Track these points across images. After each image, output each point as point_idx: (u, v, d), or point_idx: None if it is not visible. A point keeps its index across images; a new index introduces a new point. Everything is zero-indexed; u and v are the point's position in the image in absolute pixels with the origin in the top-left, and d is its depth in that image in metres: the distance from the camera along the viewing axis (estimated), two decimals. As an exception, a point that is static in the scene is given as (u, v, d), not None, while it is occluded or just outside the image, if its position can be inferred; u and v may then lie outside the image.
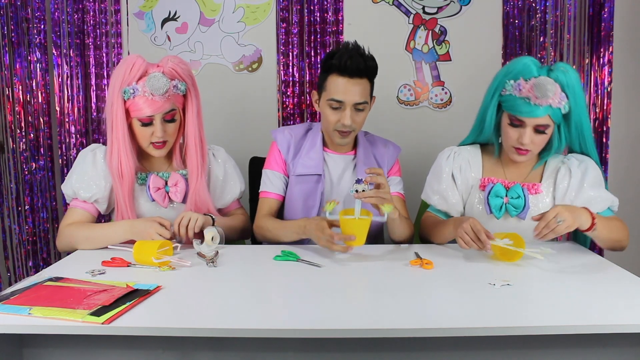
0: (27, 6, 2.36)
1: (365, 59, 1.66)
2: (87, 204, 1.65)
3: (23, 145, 2.43)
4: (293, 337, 1.11)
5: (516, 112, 1.52)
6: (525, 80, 1.51)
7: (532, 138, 1.53)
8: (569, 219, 1.38)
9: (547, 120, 1.51)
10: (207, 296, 1.23)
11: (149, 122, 1.58)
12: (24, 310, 1.09)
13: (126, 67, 1.56)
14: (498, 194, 1.61)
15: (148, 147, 1.63)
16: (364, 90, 1.67)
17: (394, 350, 1.17)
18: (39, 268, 2.44)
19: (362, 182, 1.44)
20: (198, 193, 1.68)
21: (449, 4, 2.43)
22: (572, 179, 1.59)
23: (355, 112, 1.68)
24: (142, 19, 2.44)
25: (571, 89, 1.50)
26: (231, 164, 1.83)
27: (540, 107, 1.48)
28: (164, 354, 1.17)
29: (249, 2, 2.43)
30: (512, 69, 1.55)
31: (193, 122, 1.66)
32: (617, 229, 1.54)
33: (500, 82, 1.57)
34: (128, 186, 1.61)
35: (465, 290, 1.25)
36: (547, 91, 1.46)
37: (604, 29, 2.36)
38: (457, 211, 1.70)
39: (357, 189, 1.44)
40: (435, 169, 1.73)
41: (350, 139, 1.74)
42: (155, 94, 1.54)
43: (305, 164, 1.76)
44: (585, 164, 1.61)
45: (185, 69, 1.63)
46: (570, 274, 1.37)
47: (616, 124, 2.46)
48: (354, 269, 1.43)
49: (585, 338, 1.13)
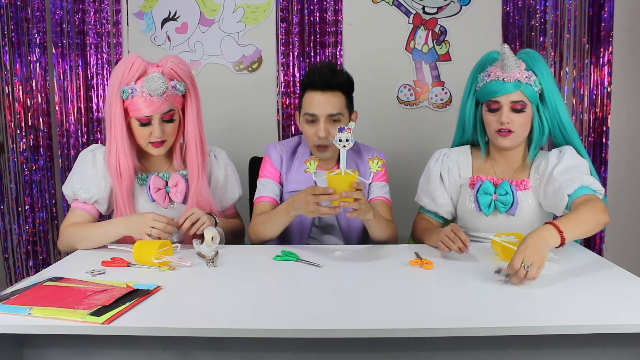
0: (27, 6, 2.37)
1: (336, 74, 1.70)
2: (87, 204, 1.65)
3: (23, 145, 2.43)
4: (293, 337, 1.11)
5: (489, 94, 1.58)
6: (491, 66, 1.60)
7: (510, 117, 1.56)
8: (536, 260, 1.24)
9: (520, 95, 1.56)
10: (207, 296, 1.23)
11: (147, 122, 1.58)
12: (24, 310, 1.09)
13: (125, 66, 1.56)
14: (487, 191, 1.64)
15: (147, 146, 1.63)
16: (337, 102, 1.69)
17: (394, 350, 1.17)
18: (39, 268, 2.44)
19: (345, 131, 1.42)
20: (200, 193, 1.68)
21: (449, 4, 2.43)
22: (550, 162, 1.60)
23: (331, 124, 1.69)
24: (142, 19, 2.44)
25: (537, 67, 1.57)
26: (232, 167, 1.84)
27: (509, 82, 1.55)
28: (164, 354, 1.17)
29: (249, 2, 2.43)
30: (479, 64, 1.66)
31: (193, 122, 1.66)
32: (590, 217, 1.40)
33: (473, 79, 1.66)
34: (127, 185, 1.61)
35: (465, 290, 1.25)
36: (509, 58, 1.52)
37: (604, 29, 2.36)
38: (447, 211, 1.74)
39: (340, 138, 1.42)
40: (425, 171, 1.78)
41: (329, 153, 1.74)
42: (153, 95, 1.54)
43: (296, 180, 1.78)
44: (564, 150, 1.61)
45: (184, 69, 1.63)
46: (571, 274, 1.37)
47: (616, 124, 2.46)
48: (354, 269, 1.43)
49: (585, 338, 1.13)
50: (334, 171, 1.45)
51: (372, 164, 1.47)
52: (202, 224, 1.58)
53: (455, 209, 1.75)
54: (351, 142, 1.41)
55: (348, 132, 1.41)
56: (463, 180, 1.71)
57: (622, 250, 2.45)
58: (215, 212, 1.71)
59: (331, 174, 1.43)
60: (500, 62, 1.55)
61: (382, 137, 2.49)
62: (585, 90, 2.42)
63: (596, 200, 1.46)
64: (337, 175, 1.42)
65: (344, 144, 1.41)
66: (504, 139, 1.60)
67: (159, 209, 1.67)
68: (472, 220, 1.68)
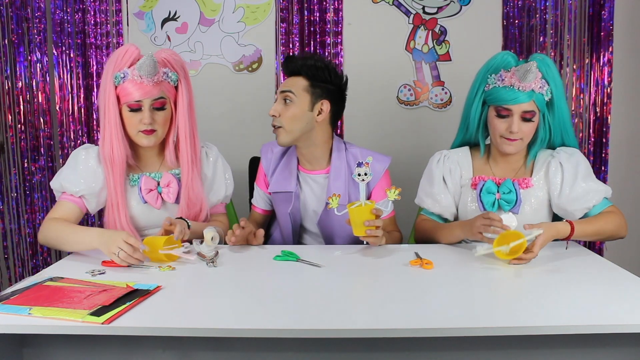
0: (27, 6, 2.37)
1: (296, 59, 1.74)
2: (75, 197, 1.62)
3: (23, 145, 2.43)
4: (293, 337, 1.11)
5: (502, 101, 1.56)
6: (506, 71, 1.57)
7: (520, 126, 1.56)
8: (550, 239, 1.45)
9: (532, 106, 1.55)
10: (207, 296, 1.23)
11: (138, 107, 1.56)
12: (24, 310, 1.09)
13: (119, 53, 1.57)
14: (490, 191, 1.63)
15: (137, 135, 1.60)
16: (294, 82, 1.71)
17: (394, 350, 1.17)
18: (39, 268, 2.45)
19: (363, 166, 1.48)
20: (192, 188, 1.66)
21: (449, 4, 2.43)
22: (565, 172, 1.60)
23: (283, 103, 1.69)
24: (142, 19, 2.44)
25: (551, 75, 1.56)
26: (221, 162, 1.79)
27: (524, 92, 1.53)
28: (164, 354, 1.17)
29: (249, 2, 2.43)
30: (491, 64, 1.61)
31: (184, 114, 1.64)
32: (607, 229, 1.56)
33: (482, 79, 1.62)
34: (120, 173, 1.59)
35: (465, 290, 1.25)
36: (530, 73, 1.51)
37: (604, 29, 2.36)
38: (451, 213, 1.73)
39: (359, 173, 1.48)
40: (427, 173, 1.77)
41: (282, 136, 1.70)
42: (143, 77, 1.53)
43: (278, 182, 1.79)
44: (575, 156, 1.63)
45: (177, 60, 1.63)
46: (571, 274, 1.37)
47: (616, 124, 2.46)
48: (354, 269, 1.43)
49: (585, 338, 1.13)
50: (354, 204, 1.50)
51: (389, 193, 1.49)
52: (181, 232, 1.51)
53: (457, 210, 1.73)
54: (370, 176, 1.48)
55: (366, 166, 1.48)
56: (464, 181, 1.70)
57: (622, 250, 2.44)
58: (205, 209, 1.70)
59: (352, 207, 1.49)
60: (522, 74, 1.51)
61: (382, 137, 2.49)
62: (585, 90, 2.42)
63: (619, 215, 1.58)
64: (358, 208, 1.48)
65: (363, 177, 1.48)
66: (509, 145, 1.59)
67: (150, 210, 1.65)
68: None
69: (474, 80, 1.66)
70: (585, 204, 1.57)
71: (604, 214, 1.58)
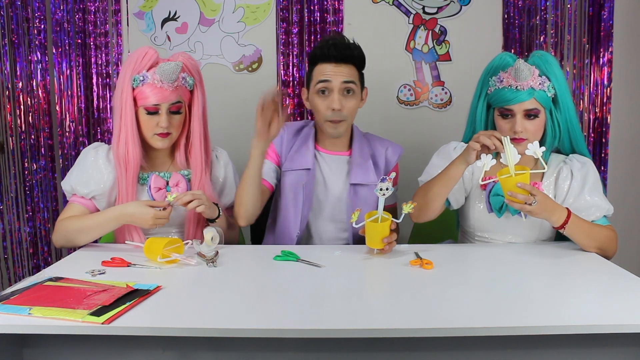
0: (27, 6, 2.36)
1: (350, 47, 1.71)
2: (86, 199, 1.64)
3: (23, 145, 2.43)
4: (293, 337, 1.11)
5: (502, 102, 1.56)
6: (504, 72, 1.57)
7: (524, 125, 1.55)
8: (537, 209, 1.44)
9: (534, 103, 1.54)
10: (207, 296, 1.23)
11: (155, 111, 1.59)
12: (24, 310, 1.09)
13: (138, 55, 1.59)
14: (498, 193, 1.61)
15: (152, 138, 1.63)
16: (350, 72, 1.69)
17: (394, 350, 1.17)
18: (39, 268, 2.45)
19: (387, 181, 1.49)
20: (203, 189, 1.68)
21: (449, 4, 2.43)
22: (573, 181, 1.59)
23: (345, 96, 1.68)
24: (142, 19, 2.44)
25: (551, 71, 1.56)
26: (231, 168, 1.83)
27: (523, 91, 1.53)
28: (164, 354, 1.17)
29: (249, 2, 2.43)
30: (491, 67, 1.62)
31: (198, 118, 1.68)
32: (600, 237, 1.54)
33: (484, 82, 1.63)
34: (133, 174, 1.62)
35: (465, 290, 1.25)
36: (523, 71, 1.51)
37: (604, 29, 2.36)
38: (455, 198, 1.67)
39: (381, 187, 1.48)
40: (441, 153, 1.72)
41: (342, 129, 1.73)
42: (164, 81, 1.56)
43: (294, 159, 1.78)
44: (587, 168, 1.61)
45: (194, 65, 1.67)
46: (570, 274, 1.37)
47: (616, 124, 2.46)
48: (354, 269, 1.43)
49: (585, 338, 1.13)
50: (371, 215, 1.50)
51: (405, 206, 1.49)
52: (200, 204, 1.56)
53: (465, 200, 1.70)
54: (390, 191, 1.48)
55: (389, 181, 1.49)
56: (474, 181, 1.68)
57: (622, 251, 2.44)
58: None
59: (369, 220, 1.49)
60: (514, 73, 1.53)
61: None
62: (585, 90, 2.42)
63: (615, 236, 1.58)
64: (377, 224, 1.48)
65: (384, 192, 1.48)
66: (517, 145, 1.56)
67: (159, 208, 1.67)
68: (481, 221, 1.66)
69: (477, 83, 1.66)
70: (585, 218, 1.55)
71: (600, 225, 1.58)
